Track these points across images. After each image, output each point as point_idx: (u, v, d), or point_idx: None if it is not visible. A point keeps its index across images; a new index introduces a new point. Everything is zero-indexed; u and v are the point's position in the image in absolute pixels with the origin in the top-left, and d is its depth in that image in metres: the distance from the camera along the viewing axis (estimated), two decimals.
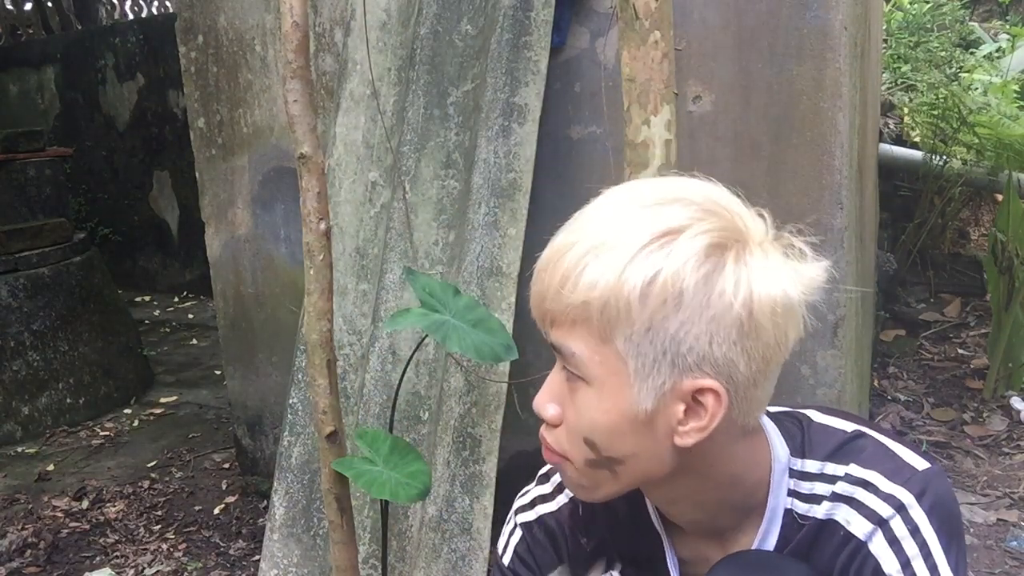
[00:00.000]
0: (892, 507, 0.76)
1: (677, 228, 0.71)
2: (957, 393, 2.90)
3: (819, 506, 0.80)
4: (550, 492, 0.93)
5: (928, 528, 0.76)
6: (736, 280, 0.70)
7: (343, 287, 1.99)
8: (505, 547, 0.95)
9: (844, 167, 1.76)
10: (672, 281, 0.70)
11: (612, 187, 0.80)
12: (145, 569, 2.36)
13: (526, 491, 0.96)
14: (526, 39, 1.84)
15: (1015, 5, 5.02)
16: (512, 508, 0.96)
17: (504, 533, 0.96)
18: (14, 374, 3.41)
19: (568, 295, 0.72)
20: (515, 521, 0.95)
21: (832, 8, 1.71)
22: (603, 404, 0.75)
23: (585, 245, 0.73)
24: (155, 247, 5.91)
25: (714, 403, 0.73)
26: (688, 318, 0.70)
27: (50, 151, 4.10)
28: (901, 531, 0.76)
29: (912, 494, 0.76)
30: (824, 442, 0.83)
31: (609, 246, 0.72)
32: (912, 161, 3.48)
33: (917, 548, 0.75)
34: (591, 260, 0.72)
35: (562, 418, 0.78)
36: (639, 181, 0.82)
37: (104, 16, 6.80)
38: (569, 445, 0.78)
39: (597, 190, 0.82)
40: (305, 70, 1.33)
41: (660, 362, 0.72)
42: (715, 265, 0.70)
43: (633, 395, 0.73)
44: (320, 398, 1.40)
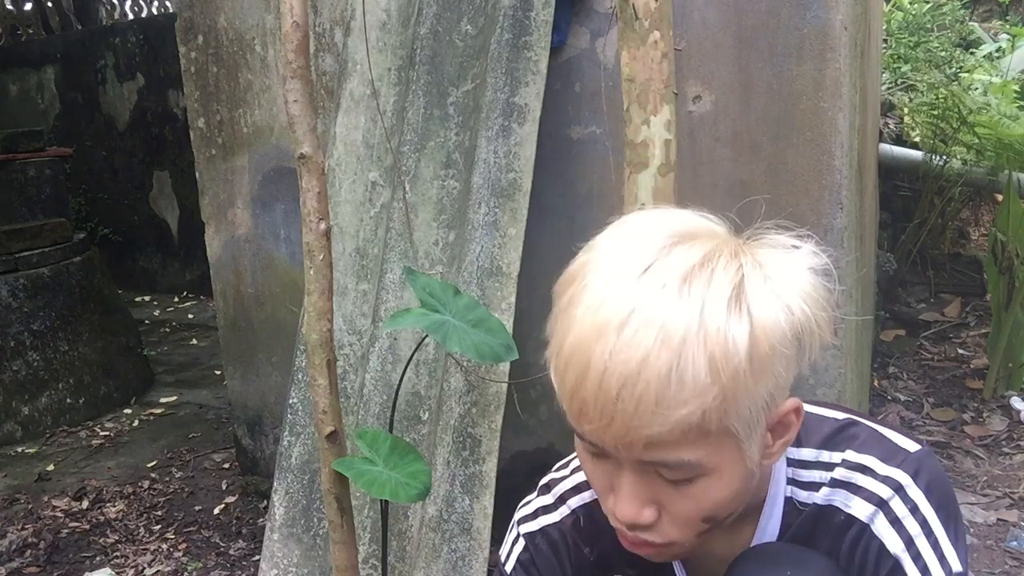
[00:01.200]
0: (891, 488, 0.78)
1: (718, 273, 0.66)
2: (957, 393, 2.90)
3: (818, 492, 0.82)
4: (552, 503, 0.93)
5: (927, 505, 0.77)
6: (778, 302, 0.68)
7: (343, 287, 1.99)
8: (508, 555, 0.95)
9: (844, 167, 1.76)
10: (770, 334, 0.66)
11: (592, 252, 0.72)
12: (145, 569, 2.36)
13: (528, 501, 0.96)
14: (526, 39, 1.84)
15: (1015, 5, 5.01)
16: (515, 518, 0.97)
17: (507, 541, 0.96)
18: (14, 374, 3.41)
19: (673, 410, 0.64)
20: (518, 531, 0.95)
21: (832, 8, 1.71)
22: (723, 482, 0.71)
23: (651, 339, 0.64)
24: (155, 247, 5.92)
25: (796, 418, 0.75)
26: (777, 361, 0.68)
27: (50, 151, 4.09)
28: (901, 510, 0.77)
29: (908, 474, 0.78)
30: (818, 430, 0.84)
31: (682, 328, 0.64)
32: (912, 161, 3.48)
33: (918, 526, 0.77)
34: (677, 357, 0.63)
35: (661, 513, 0.73)
36: (615, 233, 0.73)
37: (104, 16, 6.80)
38: (681, 532, 0.74)
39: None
40: (305, 70, 1.33)
41: (760, 414, 0.69)
42: (760, 294, 0.67)
43: (745, 457, 0.71)
44: (320, 398, 1.40)
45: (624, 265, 0.68)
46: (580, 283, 0.70)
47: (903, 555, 0.77)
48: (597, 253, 0.72)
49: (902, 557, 0.77)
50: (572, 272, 0.72)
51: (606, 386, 0.65)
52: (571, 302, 0.69)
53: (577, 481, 0.93)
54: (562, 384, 0.69)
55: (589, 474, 0.76)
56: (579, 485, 0.92)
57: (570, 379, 0.67)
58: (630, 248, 0.70)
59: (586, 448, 0.74)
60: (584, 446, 0.74)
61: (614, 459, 0.72)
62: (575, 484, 0.93)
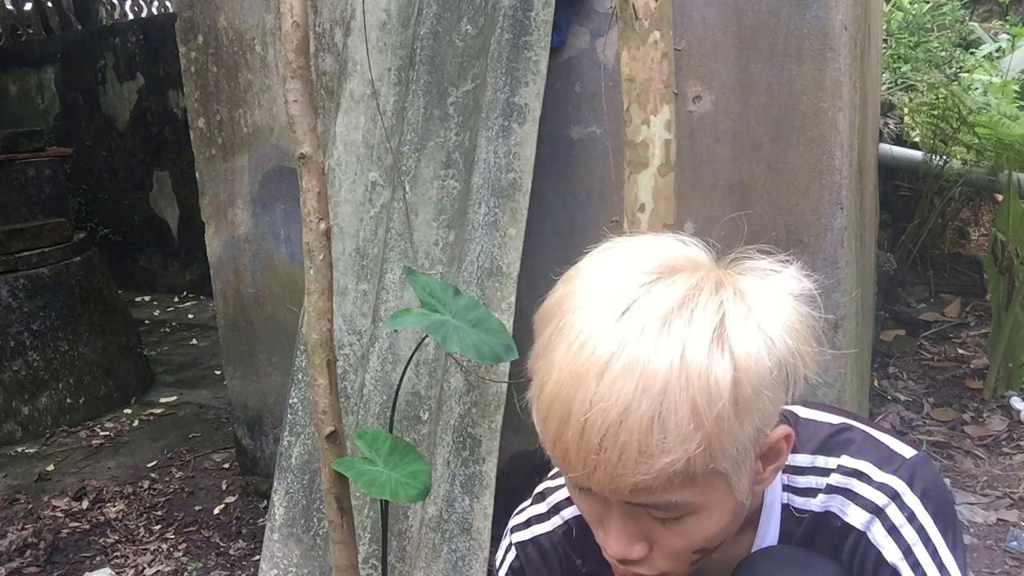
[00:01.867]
0: (887, 495, 0.77)
1: (698, 313, 0.65)
2: (957, 393, 2.90)
3: (815, 499, 0.81)
4: (545, 512, 0.93)
5: (923, 513, 0.77)
6: (760, 336, 0.67)
7: (343, 287, 1.99)
8: (501, 563, 0.95)
9: (844, 167, 1.76)
10: (753, 374, 0.65)
11: (572, 283, 0.71)
12: (145, 569, 2.36)
13: (522, 509, 0.96)
14: (526, 39, 1.84)
15: (1015, 5, 5.01)
16: (508, 525, 0.96)
17: (500, 548, 0.96)
18: (14, 374, 3.41)
19: (657, 459, 0.63)
20: (510, 539, 0.94)
21: (832, 8, 1.71)
22: (713, 519, 0.71)
23: (631, 387, 0.63)
24: (155, 247, 5.92)
25: (787, 444, 0.74)
26: (761, 399, 0.67)
27: (50, 151, 4.09)
28: (898, 518, 0.77)
29: (903, 481, 0.78)
30: (812, 436, 0.83)
31: (663, 374, 0.63)
32: (912, 161, 3.48)
33: (916, 534, 0.76)
34: (659, 405, 0.63)
35: (652, 547, 0.73)
36: (596, 265, 0.72)
37: (104, 16, 6.80)
38: (673, 563, 0.74)
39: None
40: (305, 70, 1.33)
41: (748, 448, 0.69)
42: (742, 331, 0.66)
43: (735, 491, 0.71)
44: (320, 398, 1.40)
45: (603, 305, 0.67)
46: (559, 321, 0.68)
47: (901, 564, 0.76)
48: (577, 287, 0.70)
49: (900, 566, 0.76)
50: (552, 306, 0.71)
51: (588, 436, 0.64)
52: (551, 342, 0.68)
53: None
54: (544, 430, 0.67)
55: (579, 506, 0.76)
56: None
57: (551, 427, 0.66)
58: (610, 286, 0.68)
59: (574, 483, 0.73)
60: (571, 481, 0.73)
61: (601, 497, 0.71)
62: (569, 495, 0.92)
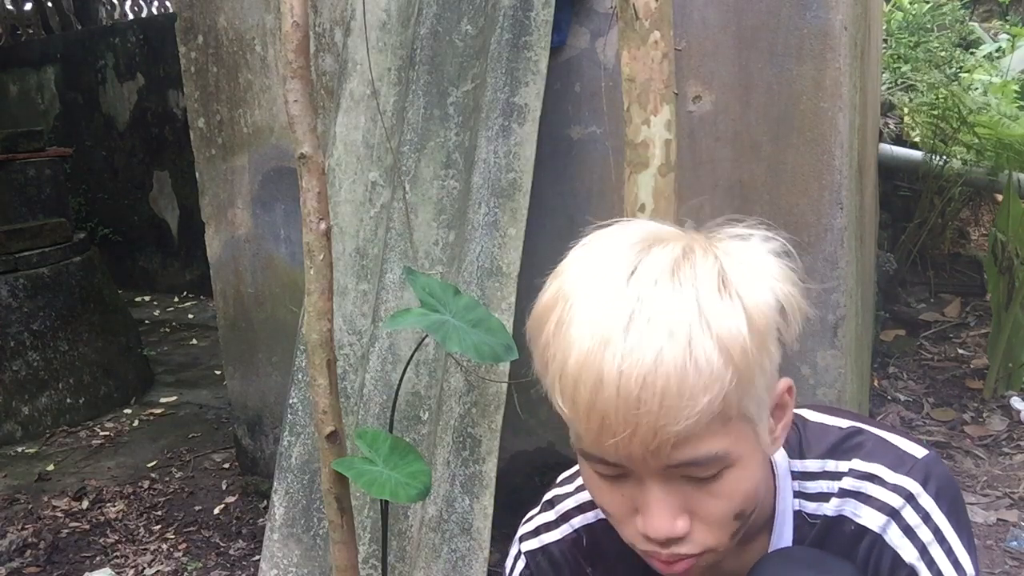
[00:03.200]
0: (902, 497, 0.78)
1: (699, 264, 0.68)
2: (957, 393, 2.90)
3: (827, 503, 0.81)
4: (554, 520, 0.92)
5: (938, 513, 0.77)
6: (758, 282, 0.69)
7: (343, 287, 1.99)
8: (510, 572, 0.94)
9: (844, 167, 1.77)
10: (761, 309, 0.67)
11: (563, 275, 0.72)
12: (145, 569, 2.36)
13: (530, 517, 0.95)
14: (526, 39, 1.84)
15: (1015, 5, 5.01)
16: (517, 533, 0.95)
17: (509, 557, 0.95)
18: (14, 374, 3.41)
19: (697, 399, 0.63)
20: (519, 547, 0.94)
21: (832, 8, 1.71)
22: (747, 471, 0.71)
23: (658, 335, 0.64)
24: (155, 247, 5.92)
25: (790, 396, 0.75)
26: (772, 335, 0.69)
27: (50, 151, 4.09)
28: (914, 519, 0.77)
29: (918, 482, 0.78)
30: (821, 440, 0.83)
31: (684, 318, 0.64)
32: (912, 161, 3.48)
33: (931, 534, 0.77)
34: (688, 347, 0.63)
35: (692, 521, 0.72)
36: (582, 255, 0.73)
37: (104, 16, 6.80)
38: (715, 536, 0.73)
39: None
40: (305, 70, 1.33)
41: (766, 393, 0.70)
42: (741, 277, 0.68)
43: (761, 441, 0.71)
44: (320, 398, 1.40)
45: (609, 274, 0.67)
46: (564, 305, 0.68)
47: (918, 563, 0.77)
48: (571, 275, 0.70)
49: (917, 566, 0.77)
50: (548, 301, 0.70)
51: (625, 391, 0.63)
52: (560, 324, 0.67)
53: (581, 500, 0.91)
54: (574, 406, 0.66)
55: (605, 503, 0.73)
56: (583, 505, 0.91)
57: (583, 397, 0.65)
58: (607, 259, 0.69)
59: (602, 475, 0.71)
60: (599, 473, 0.71)
61: (634, 478, 0.70)
62: (579, 503, 0.91)
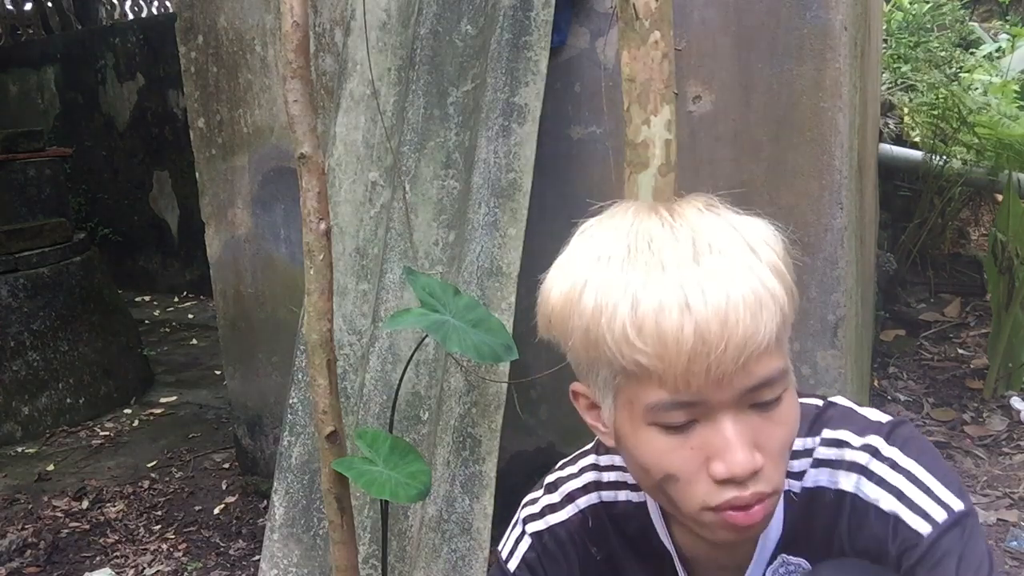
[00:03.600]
0: (868, 453, 0.79)
1: (716, 210, 0.74)
2: (957, 393, 2.90)
3: (805, 478, 0.82)
4: (559, 501, 0.92)
5: (905, 459, 0.78)
6: (757, 221, 0.75)
7: (343, 287, 1.99)
8: (511, 554, 0.93)
9: (844, 167, 1.76)
10: (778, 239, 0.73)
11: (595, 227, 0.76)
12: (145, 569, 2.36)
13: (534, 499, 0.95)
14: (526, 39, 1.84)
15: (1015, 5, 5.02)
16: (519, 516, 0.95)
17: (510, 539, 0.95)
18: (14, 374, 3.41)
19: (770, 311, 0.68)
20: (523, 529, 0.93)
21: (832, 8, 1.71)
22: (793, 396, 0.74)
23: (725, 256, 0.68)
24: (155, 247, 5.92)
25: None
26: (788, 259, 0.74)
27: (50, 151, 4.09)
28: (881, 469, 0.78)
29: (881, 437, 0.79)
30: (803, 419, 0.83)
31: (735, 242, 0.70)
32: (912, 161, 3.48)
33: (903, 478, 0.77)
34: (750, 265, 0.68)
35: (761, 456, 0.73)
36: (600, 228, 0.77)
37: (104, 16, 6.80)
38: (779, 472, 0.74)
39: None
40: (305, 70, 1.33)
41: (791, 320, 0.73)
42: (745, 219, 0.75)
43: (791, 368, 0.75)
44: (320, 398, 1.40)
45: (642, 226, 0.71)
46: (606, 263, 0.70)
47: (899, 509, 0.76)
48: (597, 241, 0.72)
49: (899, 511, 0.76)
50: (577, 272, 0.72)
51: (712, 310, 0.66)
52: (609, 279, 0.69)
53: (586, 481, 0.92)
54: (661, 342, 0.66)
55: (674, 465, 0.72)
56: (587, 486, 0.91)
57: (671, 327, 0.66)
58: (624, 223, 0.73)
59: (672, 429, 0.71)
60: (669, 428, 0.71)
61: (703, 424, 0.70)
62: (583, 484, 0.92)
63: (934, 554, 0.73)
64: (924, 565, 0.73)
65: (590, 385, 0.76)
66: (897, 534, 0.76)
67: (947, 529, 0.74)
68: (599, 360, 0.71)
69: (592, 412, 0.78)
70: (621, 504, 0.90)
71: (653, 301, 0.67)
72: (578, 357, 0.74)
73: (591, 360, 0.72)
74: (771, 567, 0.84)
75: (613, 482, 0.90)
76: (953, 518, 0.74)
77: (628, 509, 0.89)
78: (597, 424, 0.78)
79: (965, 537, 0.74)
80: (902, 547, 0.75)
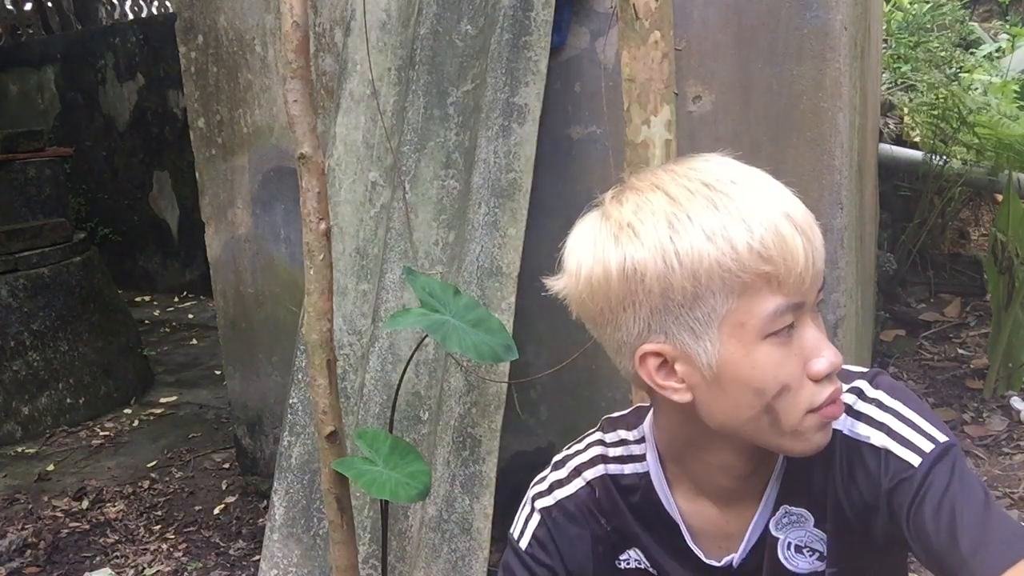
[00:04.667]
0: (854, 394, 0.83)
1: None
2: (957, 393, 2.90)
3: None
4: (567, 476, 0.94)
5: (888, 398, 0.82)
6: None
7: (343, 287, 1.99)
8: (522, 532, 0.94)
9: (844, 167, 1.77)
10: None
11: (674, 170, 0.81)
12: (145, 569, 2.36)
13: (542, 478, 0.96)
14: (526, 39, 1.84)
15: (1015, 5, 5.02)
16: (528, 495, 0.96)
17: (520, 519, 0.96)
18: (14, 374, 3.41)
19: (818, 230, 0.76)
20: (532, 506, 0.95)
21: (832, 8, 1.71)
22: None
23: (774, 191, 0.76)
24: (155, 247, 5.92)
25: None
26: None
27: (50, 151, 4.10)
28: (868, 408, 0.82)
29: (865, 380, 0.84)
30: None
31: (753, 174, 0.77)
32: (912, 161, 3.48)
33: (890, 415, 0.81)
34: (793, 196, 0.76)
35: None
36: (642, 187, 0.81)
37: (104, 16, 6.80)
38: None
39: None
40: (305, 70, 1.33)
41: None
42: None
43: None
44: (320, 398, 1.40)
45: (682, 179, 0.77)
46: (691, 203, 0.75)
47: (889, 442, 0.79)
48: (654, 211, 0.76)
49: (889, 445, 0.79)
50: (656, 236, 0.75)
51: (802, 211, 0.75)
52: (706, 212, 0.74)
53: (593, 455, 0.93)
54: (783, 247, 0.73)
55: (787, 374, 0.76)
56: (594, 459, 0.93)
57: (787, 233, 0.73)
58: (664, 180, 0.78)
59: (783, 334, 0.75)
60: (781, 333, 0.75)
61: (798, 327, 0.76)
62: (591, 458, 0.93)
63: (927, 486, 0.76)
64: (920, 500, 0.76)
65: (670, 339, 0.77)
66: (889, 467, 0.78)
67: (936, 459, 0.77)
68: (703, 297, 0.74)
69: (663, 371, 0.79)
70: (627, 476, 0.91)
71: (763, 216, 0.73)
72: (657, 314, 0.76)
73: (688, 303, 0.75)
74: (773, 519, 0.86)
75: (620, 456, 0.92)
76: (941, 447, 0.78)
77: (634, 480, 0.91)
78: (668, 383, 0.79)
79: (955, 467, 0.77)
80: (894, 479, 0.78)
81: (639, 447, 0.91)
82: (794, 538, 0.85)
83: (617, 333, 0.79)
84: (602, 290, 0.77)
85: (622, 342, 0.79)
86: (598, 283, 0.77)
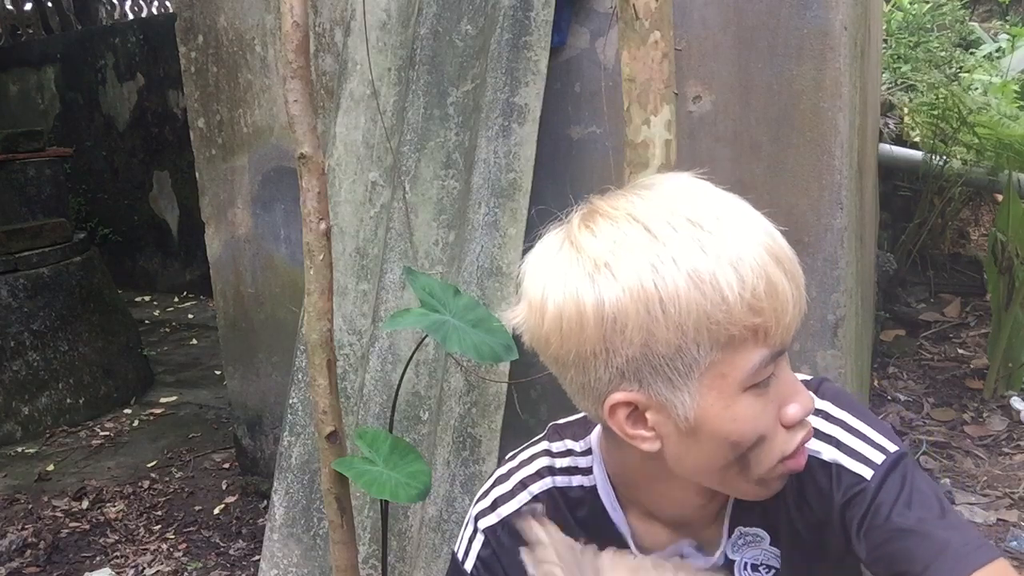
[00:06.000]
0: None
1: None
2: (957, 393, 2.90)
3: None
4: (511, 490, 0.90)
5: (836, 409, 0.81)
6: None
7: (343, 287, 1.99)
8: (466, 554, 0.90)
9: (844, 167, 1.76)
10: None
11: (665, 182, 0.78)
12: (145, 569, 2.36)
13: (485, 492, 0.92)
14: (526, 39, 1.84)
15: (1015, 5, 5.02)
16: (471, 513, 0.92)
17: (463, 539, 0.91)
18: (14, 374, 3.41)
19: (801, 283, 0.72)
20: (476, 526, 0.90)
21: (832, 8, 1.71)
22: None
23: (759, 228, 0.71)
24: (155, 247, 5.92)
25: None
26: None
27: (50, 151, 4.10)
28: (816, 422, 0.79)
29: (809, 390, 0.80)
30: None
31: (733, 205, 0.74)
32: (912, 161, 3.48)
33: (837, 427, 0.79)
34: (775, 232, 0.72)
35: None
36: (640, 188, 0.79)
37: (104, 16, 6.80)
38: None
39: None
40: (305, 70, 1.33)
41: None
42: None
43: None
44: (320, 398, 1.40)
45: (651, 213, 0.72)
46: (674, 244, 0.68)
47: (839, 456, 0.78)
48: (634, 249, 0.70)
49: (839, 458, 0.78)
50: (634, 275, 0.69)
51: (787, 250, 0.71)
52: (687, 255, 0.68)
53: (539, 466, 0.89)
54: (772, 290, 0.69)
55: (764, 424, 0.72)
56: (541, 471, 0.89)
57: (776, 278, 0.69)
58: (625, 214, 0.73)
59: (761, 384, 0.71)
60: (759, 384, 0.71)
61: (774, 376, 0.72)
62: (537, 469, 0.89)
63: (880, 499, 0.75)
64: (873, 513, 0.75)
65: (644, 388, 0.71)
66: (841, 482, 0.77)
67: (888, 471, 0.76)
68: (685, 349, 0.68)
69: (632, 419, 0.74)
70: (575, 489, 0.88)
71: (752, 262, 0.68)
72: (632, 363, 0.70)
73: (669, 354, 0.69)
74: (729, 541, 0.84)
75: (567, 467, 0.88)
76: (892, 458, 0.76)
77: (580, 494, 0.87)
78: (637, 431, 0.74)
79: (907, 478, 0.76)
80: (847, 494, 0.77)
81: (585, 459, 0.88)
82: (750, 557, 0.84)
83: (582, 377, 0.73)
84: (573, 334, 0.70)
85: (588, 387, 0.73)
86: (569, 325, 0.70)
